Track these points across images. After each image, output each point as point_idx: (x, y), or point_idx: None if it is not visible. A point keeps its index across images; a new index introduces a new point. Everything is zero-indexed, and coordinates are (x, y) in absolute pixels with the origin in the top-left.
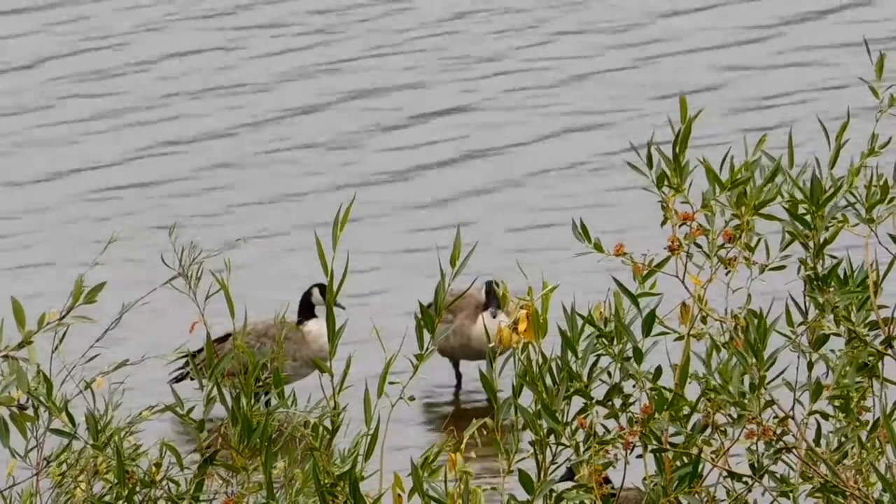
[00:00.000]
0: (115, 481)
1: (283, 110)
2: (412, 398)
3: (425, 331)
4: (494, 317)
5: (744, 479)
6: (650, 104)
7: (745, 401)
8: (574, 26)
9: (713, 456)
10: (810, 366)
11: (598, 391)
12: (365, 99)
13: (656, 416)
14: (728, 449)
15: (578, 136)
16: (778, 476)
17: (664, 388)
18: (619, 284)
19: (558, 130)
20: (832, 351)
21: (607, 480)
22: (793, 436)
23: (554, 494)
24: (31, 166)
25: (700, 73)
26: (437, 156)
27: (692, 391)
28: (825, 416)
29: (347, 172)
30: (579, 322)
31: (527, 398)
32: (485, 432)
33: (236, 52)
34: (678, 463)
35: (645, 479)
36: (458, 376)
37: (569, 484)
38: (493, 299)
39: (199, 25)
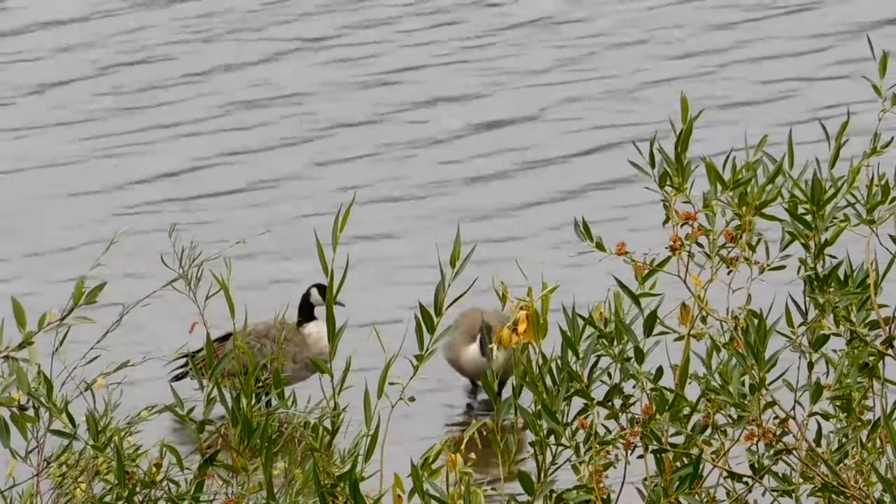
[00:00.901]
0: (116, 482)
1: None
2: (412, 399)
3: (425, 331)
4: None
5: (744, 479)
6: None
7: (745, 402)
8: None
9: (713, 456)
10: (810, 366)
11: (599, 391)
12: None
13: (657, 416)
14: (728, 449)
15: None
16: (780, 476)
17: (665, 388)
18: (621, 284)
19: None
20: (834, 350)
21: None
22: (793, 436)
23: (554, 495)
24: (37, 167)
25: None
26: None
27: (693, 391)
28: (826, 416)
29: (352, 172)
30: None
31: (527, 398)
32: (485, 433)
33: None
34: (678, 464)
35: (645, 479)
36: (474, 385)
37: (570, 483)
38: (484, 344)
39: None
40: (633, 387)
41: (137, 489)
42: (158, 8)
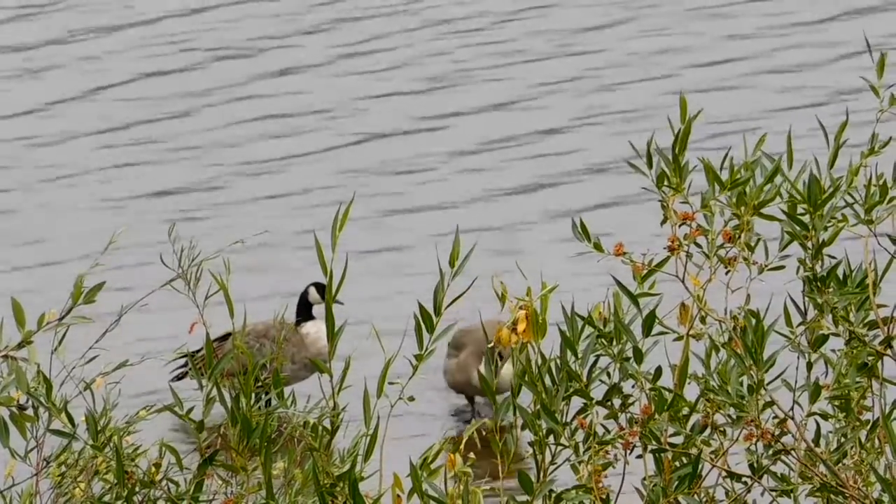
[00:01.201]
0: (115, 481)
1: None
2: (411, 398)
3: (424, 331)
4: None
5: (743, 479)
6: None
7: (744, 402)
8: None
9: (712, 456)
10: (809, 366)
11: (598, 391)
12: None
13: (656, 416)
14: (727, 449)
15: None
16: (779, 475)
17: (664, 388)
18: (619, 284)
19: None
20: (832, 350)
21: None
22: (792, 436)
23: (553, 495)
24: (39, 166)
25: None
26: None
27: (692, 391)
28: (825, 416)
29: (350, 170)
30: (579, 322)
31: (526, 398)
32: (484, 433)
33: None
34: (677, 463)
35: (644, 479)
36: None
37: (568, 484)
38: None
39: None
40: (632, 387)
41: (137, 489)
42: (181, 17)
